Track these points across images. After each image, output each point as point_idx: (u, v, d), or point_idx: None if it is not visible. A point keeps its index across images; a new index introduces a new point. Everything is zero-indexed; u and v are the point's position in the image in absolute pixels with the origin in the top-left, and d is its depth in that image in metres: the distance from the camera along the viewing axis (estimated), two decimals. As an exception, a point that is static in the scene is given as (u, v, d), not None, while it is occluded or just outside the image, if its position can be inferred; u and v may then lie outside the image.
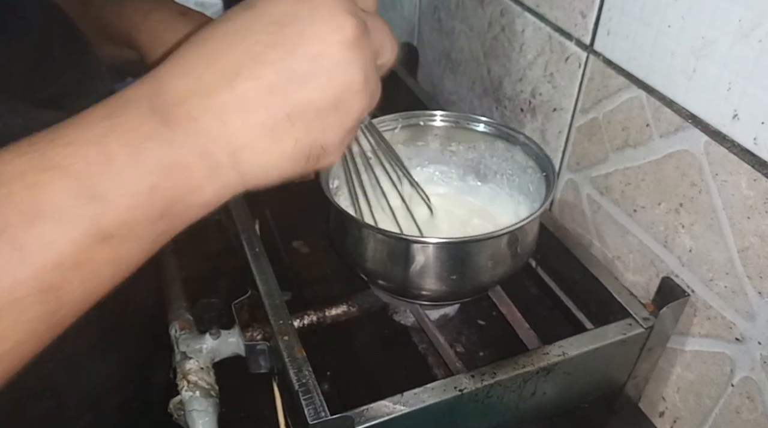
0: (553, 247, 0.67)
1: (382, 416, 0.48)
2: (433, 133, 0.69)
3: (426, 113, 0.68)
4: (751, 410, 0.53)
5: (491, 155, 0.68)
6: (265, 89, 0.33)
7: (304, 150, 0.35)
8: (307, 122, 0.34)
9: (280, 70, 0.33)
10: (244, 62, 0.33)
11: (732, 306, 0.53)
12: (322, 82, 0.34)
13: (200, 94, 0.32)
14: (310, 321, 0.64)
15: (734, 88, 0.48)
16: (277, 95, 0.33)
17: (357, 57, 0.35)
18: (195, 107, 0.32)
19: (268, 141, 0.34)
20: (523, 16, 0.72)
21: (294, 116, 0.34)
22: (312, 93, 0.34)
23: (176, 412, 0.57)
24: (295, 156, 0.35)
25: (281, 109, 0.33)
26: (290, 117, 0.34)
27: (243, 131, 0.33)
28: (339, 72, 0.34)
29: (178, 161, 0.32)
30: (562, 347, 0.55)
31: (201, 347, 0.58)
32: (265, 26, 0.34)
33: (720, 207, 0.52)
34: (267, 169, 0.35)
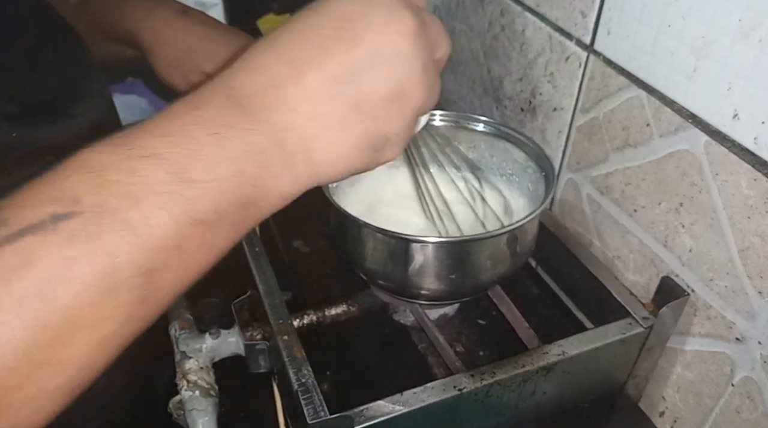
0: (553, 247, 0.67)
1: (382, 415, 0.48)
2: (433, 132, 0.69)
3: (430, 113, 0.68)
4: (751, 410, 0.53)
5: (491, 155, 0.68)
6: (332, 80, 0.35)
7: (371, 140, 0.37)
8: (373, 111, 0.36)
9: (345, 62, 0.35)
10: (312, 56, 0.35)
11: (732, 306, 0.53)
12: (385, 72, 0.36)
13: (272, 87, 0.34)
14: (309, 320, 0.64)
15: (734, 87, 0.48)
16: (344, 86, 0.35)
17: (417, 48, 0.36)
18: (268, 98, 0.34)
19: (338, 131, 0.35)
20: (523, 15, 0.72)
21: (360, 106, 0.35)
22: (377, 82, 0.35)
23: (176, 412, 0.57)
24: (362, 146, 0.36)
25: (349, 99, 0.35)
26: (356, 107, 0.35)
27: (313, 120, 0.34)
28: (400, 62, 0.36)
29: (257, 149, 0.33)
30: (562, 346, 0.55)
31: (201, 346, 0.58)
32: (331, 22, 0.36)
33: (720, 207, 0.52)
34: (337, 159, 0.36)
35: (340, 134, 0.35)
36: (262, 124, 0.33)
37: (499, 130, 0.66)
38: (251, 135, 0.33)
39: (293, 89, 0.34)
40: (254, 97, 0.34)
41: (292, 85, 0.34)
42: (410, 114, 0.38)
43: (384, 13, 0.36)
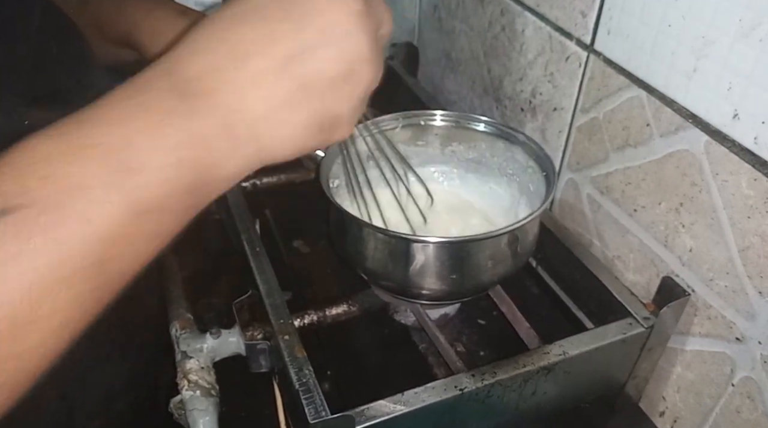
0: (553, 247, 0.67)
1: (383, 415, 0.48)
2: (434, 132, 0.69)
3: (426, 113, 0.69)
4: (751, 410, 0.53)
5: (492, 155, 0.68)
6: (277, 62, 0.34)
7: (320, 120, 0.36)
8: (320, 92, 0.35)
9: (291, 43, 0.34)
10: (257, 37, 0.34)
11: (732, 306, 0.53)
12: (332, 52, 0.35)
13: (216, 69, 0.34)
14: (310, 320, 0.64)
15: (735, 87, 0.48)
16: (289, 67, 0.34)
17: (363, 26, 0.36)
18: (212, 80, 0.34)
19: (284, 112, 0.35)
20: (523, 15, 0.72)
21: (307, 86, 0.35)
22: (323, 63, 0.35)
23: (177, 411, 0.57)
24: (310, 126, 0.36)
25: (295, 80, 0.35)
26: (304, 87, 0.35)
27: (259, 102, 0.34)
28: (349, 41, 0.35)
29: (200, 134, 0.33)
30: (563, 346, 0.55)
31: (201, 346, 0.59)
32: (274, 3, 0.35)
33: (720, 207, 0.52)
34: (285, 140, 0.36)
35: (287, 115, 0.35)
36: (206, 108, 0.33)
37: (500, 130, 0.66)
38: (194, 120, 0.33)
39: (238, 71, 0.34)
40: (198, 80, 0.33)
41: (237, 67, 0.34)
42: (359, 94, 0.38)
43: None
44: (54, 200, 0.29)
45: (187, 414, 0.55)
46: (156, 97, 0.33)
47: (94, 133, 0.31)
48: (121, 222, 0.30)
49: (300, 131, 0.36)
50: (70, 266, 0.29)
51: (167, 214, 0.33)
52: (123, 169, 0.30)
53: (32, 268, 0.28)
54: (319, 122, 0.36)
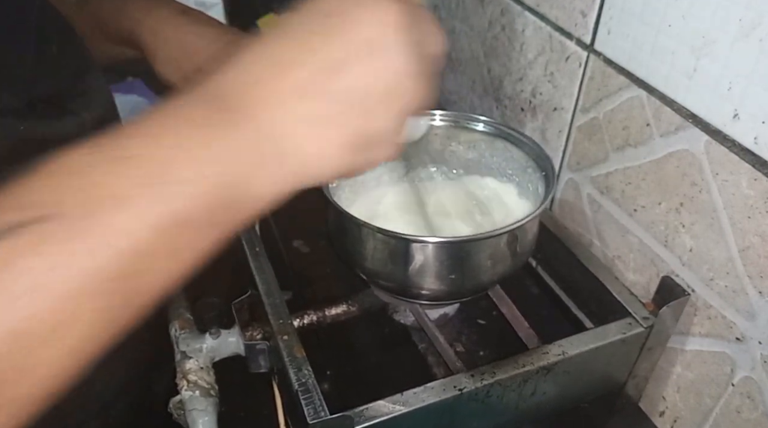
0: (553, 246, 0.67)
1: (382, 415, 0.48)
2: (433, 132, 0.69)
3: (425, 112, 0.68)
4: (751, 409, 0.53)
5: (491, 155, 0.68)
6: (316, 76, 0.34)
7: (358, 138, 0.35)
8: (356, 108, 0.35)
9: (329, 57, 0.34)
10: (295, 52, 0.34)
11: (732, 306, 0.53)
12: (368, 67, 0.34)
13: (255, 84, 0.33)
14: (309, 320, 0.64)
15: (735, 87, 0.48)
16: (328, 81, 0.34)
17: (405, 42, 0.35)
18: (251, 95, 0.33)
19: (322, 128, 0.34)
20: (523, 15, 0.72)
21: (343, 101, 0.34)
22: (359, 77, 0.34)
23: (176, 411, 0.57)
24: (349, 145, 0.35)
25: (333, 95, 0.34)
26: (343, 102, 0.34)
27: (296, 118, 0.34)
28: (386, 56, 0.35)
29: (240, 147, 0.32)
30: (562, 346, 0.55)
31: (201, 346, 0.58)
32: (313, 18, 0.35)
33: (720, 207, 0.52)
34: (322, 158, 0.35)
35: (324, 132, 0.34)
36: (244, 122, 0.33)
37: (499, 130, 0.66)
38: (232, 133, 0.32)
39: (276, 86, 0.34)
40: (236, 95, 0.33)
41: (275, 82, 0.34)
42: (399, 112, 0.36)
43: (370, 7, 0.35)
44: (86, 210, 0.28)
45: (186, 414, 0.55)
46: (196, 111, 0.33)
47: (129, 144, 0.31)
48: (150, 234, 0.30)
49: (337, 148, 0.35)
50: (97, 277, 0.28)
51: (202, 228, 0.32)
52: (156, 181, 0.30)
53: (60, 277, 0.27)
54: (355, 140, 0.35)
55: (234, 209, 0.33)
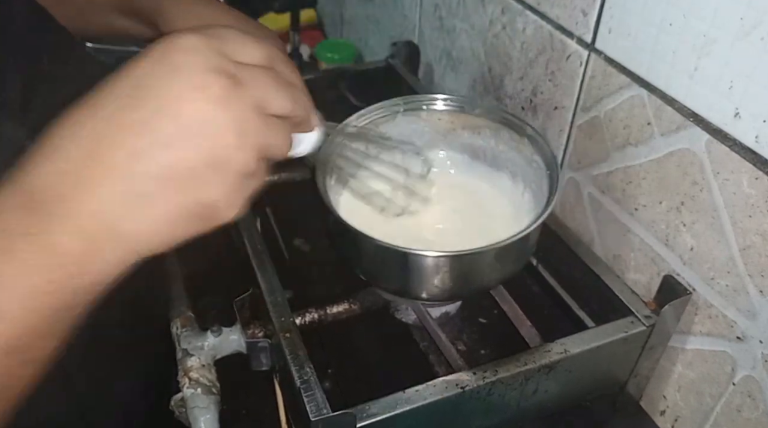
0: (554, 245, 0.67)
1: (384, 413, 0.48)
2: (437, 117, 0.67)
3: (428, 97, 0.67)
4: (752, 409, 0.53)
5: (496, 143, 0.66)
6: (127, 155, 0.32)
7: (189, 210, 0.34)
8: (178, 184, 0.33)
9: (141, 134, 0.32)
10: (106, 129, 0.32)
11: (733, 305, 0.53)
12: (187, 143, 0.33)
13: (67, 172, 0.32)
14: (311, 318, 0.64)
15: (736, 86, 0.48)
16: (140, 160, 0.32)
17: (226, 114, 0.33)
18: (64, 186, 0.32)
19: (141, 208, 0.33)
20: (524, 14, 0.72)
21: (166, 179, 0.33)
22: (178, 154, 0.33)
23: (177, 409, 0.57)
24: (180, 218, 0.34)
25: (150, 174, 0.32)
26: (163, 180, 0.33)
27: (116, 201, 0.32)
28: (205, 131, 0.33)
29: (60, 250, 0.31)
30: (564, 345, 0.55)
31: (202, 344, 0.58)
32: (126, 90, 0.33)
33: (721, 206, 0.52)
34: (153, 235, 0.34)
35: (148, 211, 0.33)
36: (59, 219, 0.31)
37: (506, 119, 0.64)
38: (50, 237, 0.31)
39: (89, 171, 0.32)
40: (49, 188, 0.32)
41: (87, 166, 0.32)
42: (234, 179, 0.35)
43: (184, 79, 0.33)
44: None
45: (188, 412, 0.55)
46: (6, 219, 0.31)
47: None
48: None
49: (168, 225, 0.34)
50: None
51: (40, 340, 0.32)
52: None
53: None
54: (189, 212, 0.34)
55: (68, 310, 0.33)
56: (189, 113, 0.33)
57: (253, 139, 0.35)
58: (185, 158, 0.33)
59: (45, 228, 0.31)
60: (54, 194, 0.32)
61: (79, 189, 0.32)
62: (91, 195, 0.32)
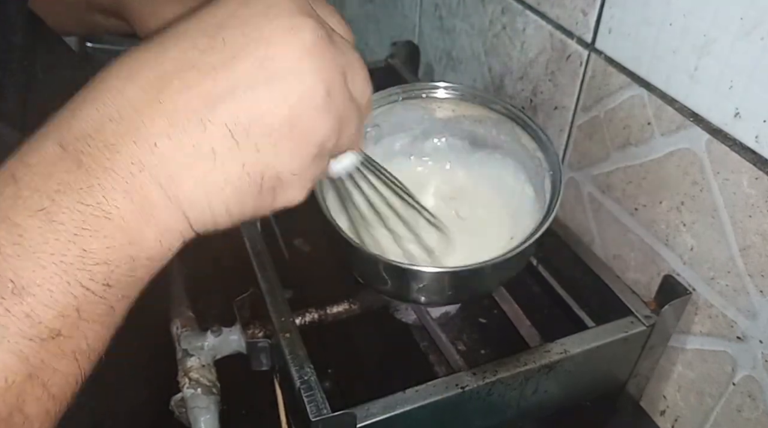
0: (554, 245, 0.67)
1: (384, 413, 0.48)
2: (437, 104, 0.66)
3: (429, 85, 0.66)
4: (752, 409, 0.53)
5: (498, 133, 0.64)
6: (199, 101, 0.27)
7: (255, 178, 0.29)
8: (255, 142, 0.28)
9: (218, 78, 0.28)
10: (175, 71, 0.28)
11: (733, 305, 0.53)
12: (271, 92, 0.28)
13: (119, 117, 0.27)
14: (311, 318, 0.64)
15: (736, 86, 0.48)
16: (215, 107, 0.28)
17: (317, 66, 0.29)
18: (112, 132, 0.27)
19: (208, 165, 0.28)
20: (524, 14, 0.72)
21: (238, 133, 0.28)
22: (260, 105, 0.28)
23: (178, 409, 0.57)
24: (244, 185, 0.29)
25: (220, 124, 0.28)
26: (233, 134, 0.28)
27: (174, 155, 0.27)
28: (293, 81, 0.28)
29: (103, 210, 0.26)
30: (564, 345, 0.55)
31: (202, 344, 0.59)
32: (205, 28, 0.29)
33: (721, 205, 0.52)
34: (211, 202, 0.29)
35: (211, 170, 0.28)
36: (106, 173, 0.26)
37: (510, 111, 0.62)
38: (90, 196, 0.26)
39: (147, 118, 0.27)
40: (96, 134, 0.27)
41: (146, 112, 0.27)
42: (310, 151, 0.30)
43: (276, 18, 0.28)
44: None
45: (188, 412, 0.55)
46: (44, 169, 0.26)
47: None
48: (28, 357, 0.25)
49: (230, 189, 0.29)
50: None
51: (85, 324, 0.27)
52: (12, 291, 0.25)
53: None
54: (254, 181, 0.29)
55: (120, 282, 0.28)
56: (276, 57, 0.28)
57: (339, 108, 0.30)
58: (267, 112, 0.28)
59: (86, 183, 0.26)
60: (103, 142, 0.27)
61: (135, 139, 0.27)
62: (149, 148, 0.27)
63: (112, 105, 0.27)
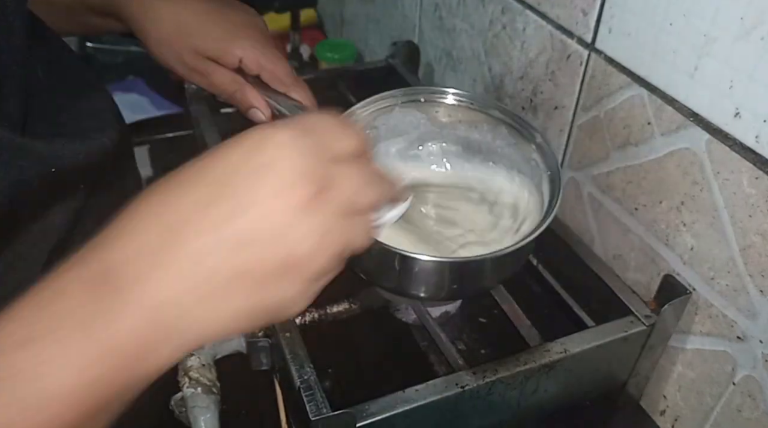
0: (554, 245, 0.67)
1: (384, 412, 0.48)
2: (434, 109, 0.67)
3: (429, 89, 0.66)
4: (752, 408, 0.53)
5: (494, 138, 0.65)
6: (205, 246, 0.31)
7: (259, 308, 0.34)
8: (250, 286, 0.32)
9: (220, 228, 0.32)
10: (190, 216, 0.32)
11: (733, 305, 0.53)
12: (264, 246, 0.32)
13: (144, 254, 0.31)
14: (311, 318, 0.64)
15: (736, 86, 0.48)
16: (216, 254, 0.31)
17: (309, 221, 0.33)
18: (139, 268, 0.31)
19: (217, 301, 0.32)
20: (524, 14, 0.72)
21: (242, 276, 0.32)
22: (253, 255, 0.32)
23: (178, 409, 0.57)
24: (249, 314, 0.34)
25: (228, 268, 0.32)
26: (238, 276, 0.32)
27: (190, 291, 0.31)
28: (285, 237, 0.32)
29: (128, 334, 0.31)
30: (564, 344, 0.55)
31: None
32: (214, 178, 0.33)
33: (721, 205, 0.52)
34: (220, 328, 0.33)
35: (220, 305, 0.32)
36: (132, 302, 0.31)
37: (506, 115, 0.63)
38: (119, 321, 0.30)
39: (167, 256, 0.31)
40: (122, 268, 0.31)
41: (167, 251, 0.31)
42: (306, 280, 0.34)
43: (273, 179, 0.32)
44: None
45: (188, 412, 0.55)
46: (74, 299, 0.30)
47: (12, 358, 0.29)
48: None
49: (236, 320, 0.33)
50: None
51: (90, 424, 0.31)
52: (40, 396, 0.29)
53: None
54: (258, 309, 0.34)
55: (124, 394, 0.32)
56: (270, 216, 0.32)
57: (335, 244, 0.34)
58: (260, 260, 0.32)
59: (113, 311, 0.30)
60: (127, 276, 0.31)
61: (155, 272, 0.31)
62: (167, 283, 0.31)
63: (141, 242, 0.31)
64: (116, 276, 0.31)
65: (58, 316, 0.30)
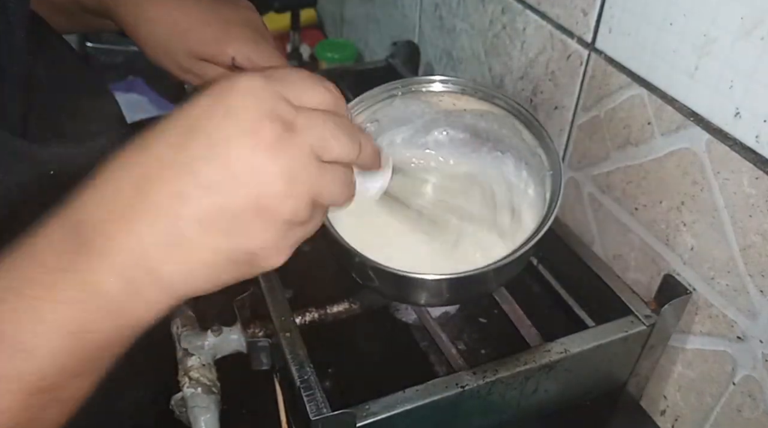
0: (554, 245, 0.67)
1: (384, 412, 0.48)
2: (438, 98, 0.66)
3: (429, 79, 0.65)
4: (752, 408, 0.53)
5: (500, 127, 0.64)
6: (170, 196, 0.32)
7: (229, 257, 0.34)
8: (222, 229, 0.33)
9: (186, 175, 0.32)
10: (154, 169, 0.32)
11: (733, 305, 0.53)
12: (232, 189, 0.32)
13: (113, 210, 0.32)
14: (311, 318, 0.64)
15: (736, 86, 0.48)
16: (182, 203, 0.32)
17: (275, 162, 0.33)
18: (109, 222, 0.32)
19: (183, 251, 0.33)
20: (524, 14, 0.72)
21: (203, 224, 0.32)
22: (221, 199, 0.32)
23: (178, 409, 0.57)
24: (219, 264, 0.34)
25: (188, 217, 0.32)
26: (199, 225, 0.32)
27: (154, 242, 0.32)
28: (252, 179, 0.32)
29: (98, 288, 0.31)
30: (564, 344, 0.55)
31: (203, 344, 0.59)
32: (179, 129, 0.33)
33: (722, 205, 0.52)
34: (190, 279, 0.34)
35: (188, 255, 0.33)
36: (103, 258, 0.31)
37: (512, 107, 0.61)
38: (91, 276, 0.31)
39: (133, 211, 0.32)
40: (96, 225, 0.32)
41: (133, 206, 0.32)
42: (280, 227, 0.34)
43: (236, 123, 0.32)
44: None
45: (188, 412, 0.55)
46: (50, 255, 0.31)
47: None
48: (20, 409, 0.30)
49: (206, 268, 0.34)
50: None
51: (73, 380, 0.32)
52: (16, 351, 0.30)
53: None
54: (227, 259, 0.34)
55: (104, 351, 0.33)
56: (236, 158, 0.32)
57: (306, 187, 0.34)
58: (229, 205, 0.32)
59: (87, 267, 0.31)
60: (100, 231, 0.32)
61: (124, 228, 0.32)
62: (135, 235, 0.32)
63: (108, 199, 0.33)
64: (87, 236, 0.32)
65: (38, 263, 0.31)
